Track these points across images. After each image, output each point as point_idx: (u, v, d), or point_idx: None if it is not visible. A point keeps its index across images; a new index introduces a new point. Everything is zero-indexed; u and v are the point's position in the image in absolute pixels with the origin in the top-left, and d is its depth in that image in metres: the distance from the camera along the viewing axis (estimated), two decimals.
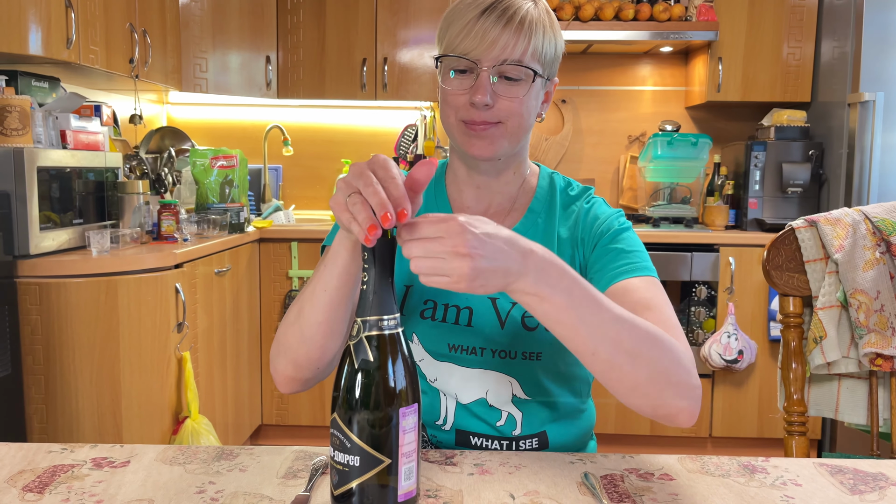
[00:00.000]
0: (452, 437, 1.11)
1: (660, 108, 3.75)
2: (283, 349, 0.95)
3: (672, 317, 0.94)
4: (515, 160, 1.11)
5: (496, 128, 1.02)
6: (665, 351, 0.84)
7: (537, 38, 1.00)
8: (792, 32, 3.31)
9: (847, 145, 3.02)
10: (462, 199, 1.14)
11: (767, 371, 3.12)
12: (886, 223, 1.34)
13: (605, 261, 1.04)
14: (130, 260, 2.20)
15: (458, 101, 1.01)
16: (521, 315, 1.06)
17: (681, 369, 0.85)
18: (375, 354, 0.74)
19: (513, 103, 1.00)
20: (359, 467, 0.73)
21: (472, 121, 1.01)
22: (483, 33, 0.97)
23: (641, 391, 0.85)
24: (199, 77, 3.23)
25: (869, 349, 1.29)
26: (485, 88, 0.98)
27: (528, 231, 1.10)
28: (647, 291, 0.97)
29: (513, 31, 0.98)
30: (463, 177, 1.12)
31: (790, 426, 1.36)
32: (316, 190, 3.85)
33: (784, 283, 1.36)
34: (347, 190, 0.74)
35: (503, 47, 0.98)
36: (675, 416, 0.86)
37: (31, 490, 0.83)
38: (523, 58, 0.99)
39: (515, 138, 1.04)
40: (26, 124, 2.13)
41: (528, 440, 1.11)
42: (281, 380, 0.98)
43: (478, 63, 0.98)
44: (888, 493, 0.86)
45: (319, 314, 0.90)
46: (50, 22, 2.22)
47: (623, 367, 0.82)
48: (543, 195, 1.13)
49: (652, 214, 3.32)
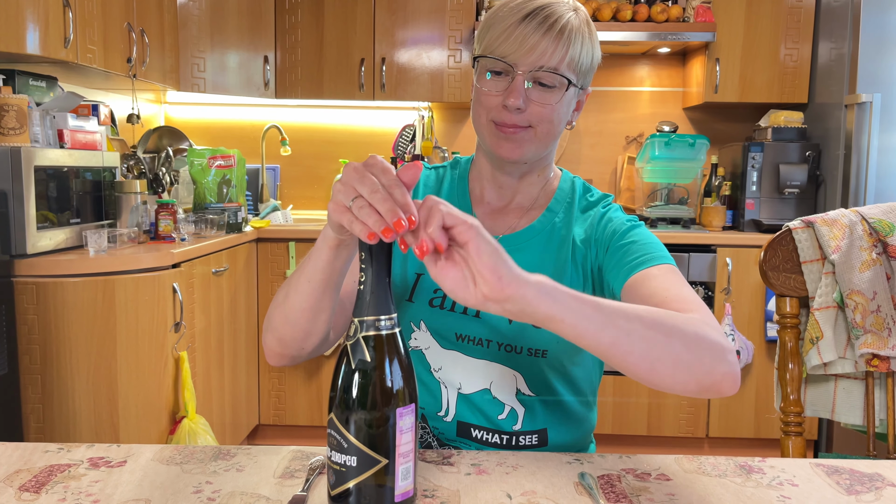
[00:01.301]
0: (454, 428, 1.11)
1: (657, 109, 3.75)
2: (271, 326, 0.98)
3: (693, 297, 0.92)
4: (541, 164, 1.12)
5: (526, 132, 1.04)
6: (690, 324, 0.83)
7: (575, 48, 1.01)
8: (789, 34, 3.32)
9: (844, 146, 3.03)
10: (483, 195, 1.16)
11: (764, 371, 3.12)
12: (883, 224, 1.34)
13: (619, 256, 1.04)
14: (128, 259, 2.19)
15: (491, 101, 1.03)
16: None
17: (711, 333, 0.83)
18: (372, 354, 0.74)
19: (544, 109, 1.02)
20: (356, 467, 0.73)
21: (503, 123, 1.03)
22: (523, 38, 0.99)
23: (684, 364, 0.81)
24: (196, 77, 3.23)
25: (865, 350, 1.30)
26: (518, 92, 1.00)
27: (545, 228, 1.12)
28: (664, 280, 0.96)
29: (552, 38, 0.99)
30: (487, 175, 1.14)
31: (787, 426, 1.36)
32: (314, 190, 3.85)
33: (781, 283, 1.37)
34: (350, 194, 0.73)
35: (541, 54, 1.00)
36: (719, 383, 0.83)
37: (28, 490, 0.83)
38: (560, 66, 1.01)
39: (544, 144, 1.06)
40: (24, 123, 2.13)
41: (527, 436, 1.11)
42: (269, 353, 1.01)
43: (514, 67, 1.00)
44: (884, 494, 0.86)
45: (303, 301, 0.91)
46: (47, 21, 2.22)
47: (657, 347, 0.79)
48: (563, 196, 1.15)
49: (649, 215, 3.32)
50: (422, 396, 1.13)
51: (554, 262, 1.10)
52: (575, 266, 1.09)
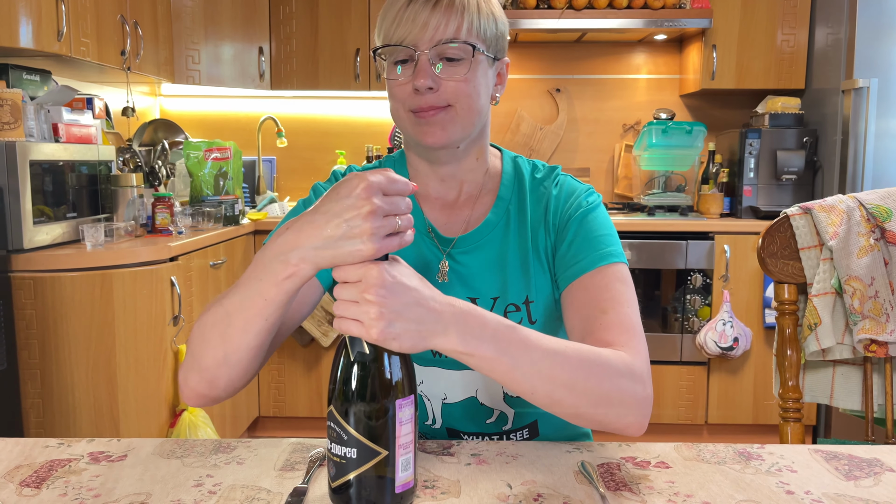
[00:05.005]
0: (444, 434, 1.12)
1: (654, 97, 3.74)
2: (199, 367, 0.87)
3: (629, 316, 0.93)
4: (476, 146, 1.07)
5: (445, 112, 0.99)
6: (604, 375, 0.84)
7: (470, 14, 0.97)
8: (786, 19, 3.30)
9: (841, 132, 3.02)
10: (428, 191, 1.10)
11: (762, 358, 3.13)
12: (881, 210, 1.34)
13: (571, 253, 1.01)
14: (125, 253, 2.19)
15: (403, 91, 0.99)
16: (503, 311, 1.05)
17: (623, 385, 0.85)
18: (371, 347, 0.74)
19: (458, 85, 0.98)
20: (356, 459, 0.73)
21: (420, 108, 0.98)
22: (414, 17, 0.95)
23: (585, 418, 0.86)
24: (191, 69, 3.21)
25: (863, 335, 1.30)
26: (425, 72, 0.96)
27: (500, 220, 1.08)
28: (606, 290, 0.95)
29: (442, 10, 0.96)
30: (425, 171, 1.09)
31: (785, 413, 1.36)
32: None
33: (779, 270, 1.37)
34: (389, 222, 0.73)
35: (435, 27, 0.96)
36: (622, 430, 0.87)
37: (29, 485, 0.83)
38: (458, 35, 0.96)
39: (468, 122, 1.01)
40: (18, 118, 2.12)
41: (519, 432, 1.11)
42: (190, 395, 0.91)
43: (414, 48, 0.96)
44: (883, 479, 0.86)
45: (253, 339, 0.84)
46: (40, 14, 2.20)
47: (563, 399, 0.82)
48: (510, 181, 1.10)
49: (647, 203, 3.32)
50: None
51: (517, 256, 1.07)
52: (536, 255, 1.06)
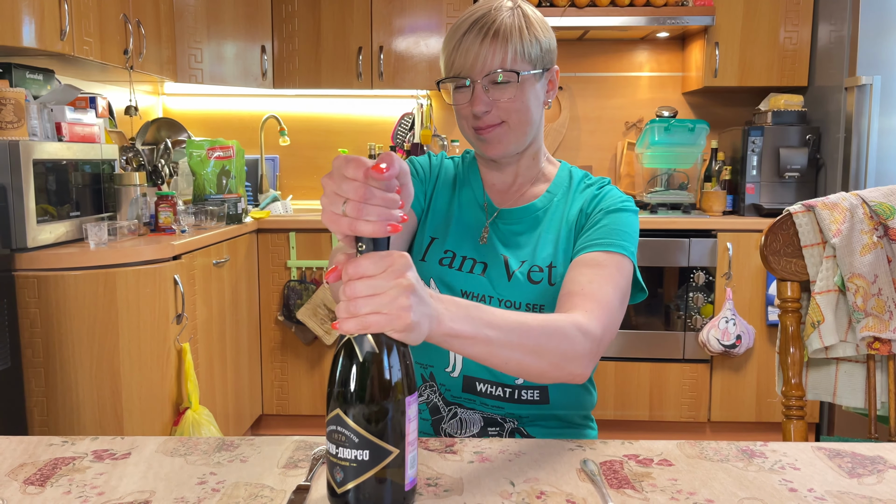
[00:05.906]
0: (460, 383, 1.19)
1: (657, 94, 3.74)
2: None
3: (608, 294, 1.03)
4: (531, 149, 1.24)
5: (500, 128, 1.15)
6: (560, 337, 0.93)
7: (513, 44, 1.12)
8: (789, 16, 3.30)
9: (844, 129, 3.02)
10: (493, 180, 1.27)
11: (765, 356, 3.13)
12: (884, 207, 1.34)
13: (590, 234, 1.13)
14: (128, 252, 2.19)
15: (465, 112, 1.17)
16: (528, 271, 1.17)
17: (576, 345, 0.94)
18: (378, 344, 0.73)
19: (509, 103, 1.14)
20: (368, 461, 0.73)
21: (479, 127, 1.16)
22: (466, 52, 1.12)
23: (548, 376, 0.95)
24: (194, 68, 3.21)
25: (866, 333, 1.30)
26: (479, 99, 1.13)
27: (544, 205, 1.22)
28: (601, 269, 1.06)
29: (489, 44, 1.11)
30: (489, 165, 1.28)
31: (788, 410, 1.36)
32: (313, 180, 3.84)
33: (782, 268, 1.37)
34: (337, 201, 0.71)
35: (484, 60, 1.12)
36: (573, 380, 0.98)
37: (33, 483, 0.84)
38: (504, 64, 1.12)
39: (521, 132, 1.17)
40: (21, 117, 2.13)
41: (530, 391, 1.17)
42: None
43: (469, 78, 1.13)
44: (886, 476, 0.86)
45: None
46: (43, 13, 2.20)
47: (531, 365, 0.91)
48: (561, 181, 1.26)
49: (649, 201, 3.32)
50: (431, 354, 1.21)
51: (552, 232, 1.20)
52: (569, 233, 1.19)
